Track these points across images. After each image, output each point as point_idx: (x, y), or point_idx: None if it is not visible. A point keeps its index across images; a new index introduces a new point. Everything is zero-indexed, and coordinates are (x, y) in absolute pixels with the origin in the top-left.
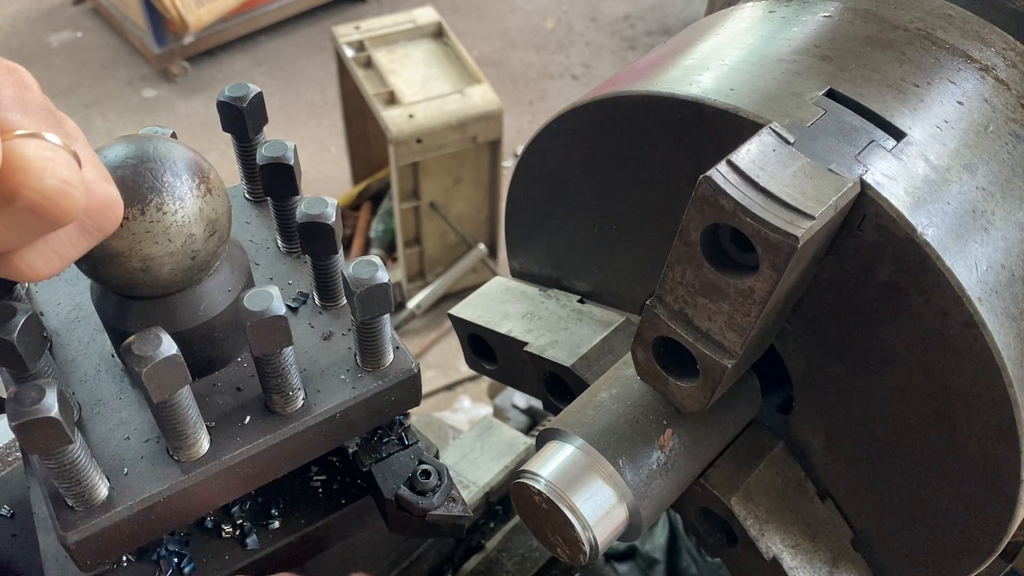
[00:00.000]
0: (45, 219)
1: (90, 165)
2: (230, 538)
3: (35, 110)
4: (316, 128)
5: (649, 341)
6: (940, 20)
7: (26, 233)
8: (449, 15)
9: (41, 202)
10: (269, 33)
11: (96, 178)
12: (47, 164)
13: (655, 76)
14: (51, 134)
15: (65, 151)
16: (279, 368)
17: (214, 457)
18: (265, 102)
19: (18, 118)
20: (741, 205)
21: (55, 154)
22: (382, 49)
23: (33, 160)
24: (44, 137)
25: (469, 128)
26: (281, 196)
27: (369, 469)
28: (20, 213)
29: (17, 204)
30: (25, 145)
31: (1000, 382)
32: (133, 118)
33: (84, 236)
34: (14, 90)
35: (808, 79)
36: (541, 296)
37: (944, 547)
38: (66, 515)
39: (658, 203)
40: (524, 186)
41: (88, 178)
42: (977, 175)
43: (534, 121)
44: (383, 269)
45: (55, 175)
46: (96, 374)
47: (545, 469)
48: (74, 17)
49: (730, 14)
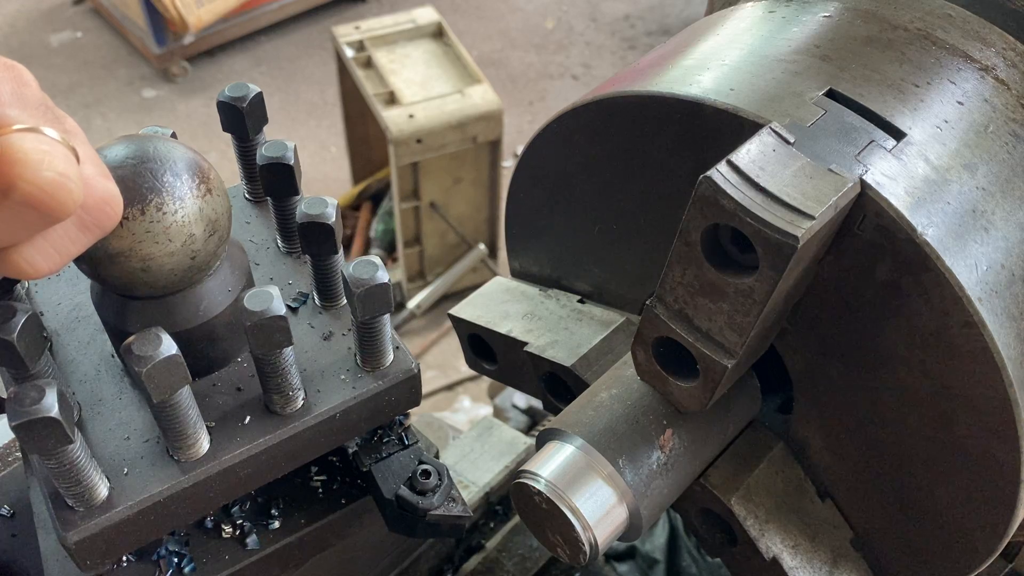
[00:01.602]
0: (42, 212)
1: (89, 162)
2: (230, 538)
3: (33, 106)
4: (316, 128)
5: (649, 341)
6: (940, 20)
7: (24, 228)
8: (449, 15)
9: (38, 195)
10: (269, 33)
11: (95, 174)
12: (44, 157)
13: (655, 76)
14: (49, 129)
15: (62, 145)
16: (279, 368)
17: (214, 457)
18: (265, 102)
19: (16, 113)
20: (741, 205)
21: (52, 148)
22: (382, 49)
23: (30, 153)
24: (42, 132)
25: (469, 128)
26: (281, 196)
27: (369, 469)
28: (17, 207)
29: (14, 197)
30: (22, 139)
31: (1000, 382)
32: (133, 118)
33: (83, 232)
34: (12, 86)
35: (808, 79)
36: (541, 296)
37: (944, 547)
38: (66, 515)
39: (658, 203)
40: (524, 186)
41: (87, 174)
42: (977, 175)
43: (534, 121)
44: (383, 269)
45: (52, 168)
46: (96, 374)
47: (545, 469)
48: (74, 17)
49: (730, 14)
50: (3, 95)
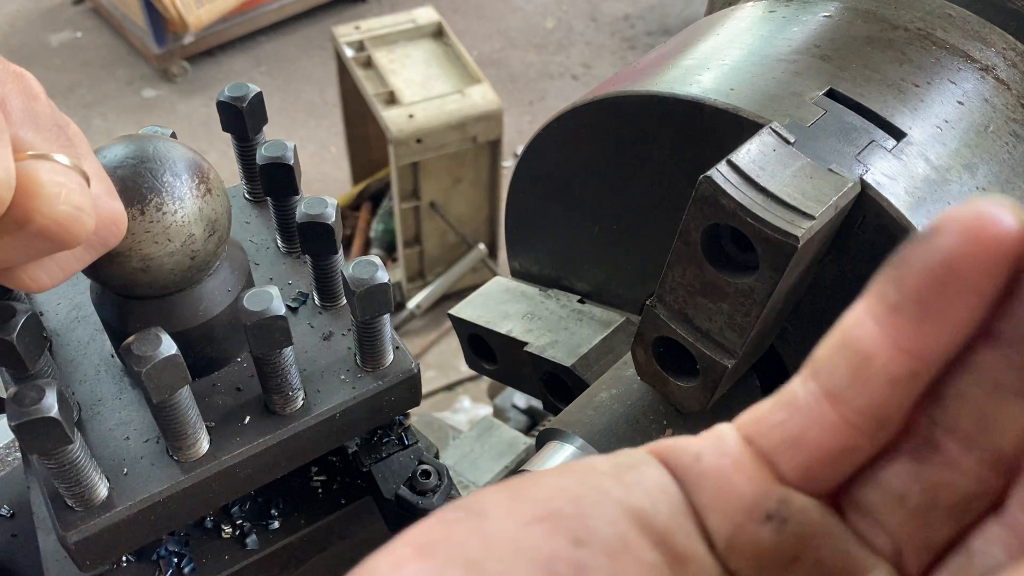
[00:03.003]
0: (55, 243)
1: (95, 179)
2: (230, 538)
3: (45, 126)
4: (316, 128)
5: (649, 341)
6: (940, 20)
7: (34, 253)
8: (449, 15)
9: (53, 228)
10: (269, 33)
11: (102, 192)
12: (60, 191)
13: (655, 76)
14: (61, 156)
15: (76, 172)
16: (279, 368)
17: (214, 457)
18: (265, 102)
19: (30, 136)
20: (741, 205)
21: (67, 179)
22: (382, 49)
23: (46, 186)
24: (55, 159)
25: (469, 128)
26: (281, 196)
27: (369, 469)
28: (30, 237)
29: (29, 229)
30: (38, 168)
31: None
32: (133, 118)
33: (88, 250)
34: (23, 100)
35: (808, 79)
36: (541, 296)
37: None
38: (66, 515)
39: (658, 203)
40: (524, 186)
41: (94, 194)
42: (977, 175)
43: (534, 121)
44: (383, 269)
45: (68, 201)
46: (96, 374)
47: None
48: (74, 17)
49: (730, 14)
50: (15, 113)
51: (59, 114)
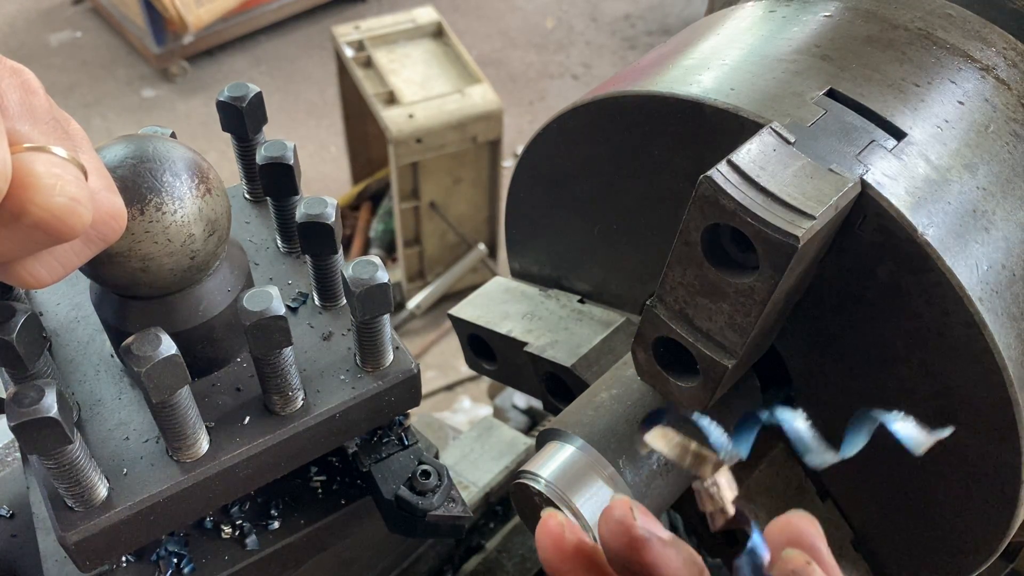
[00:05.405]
0: (51, 235)
1: (95, 174)
2: (230, 538)
3: (43, 119)
4: (316, 128)
5: (649, 341)
6: (940, 20)
7: (31, 246)
8: (449, 15)
9: (49, 219)
10: (269, 33)
11: (101, 187)
12: (56, 182)
13: (655, 76)
14: (59, 148)
15: (73, 165)
16: (279, 368)
17: (214, 457)
18: (265, 102)
19: (26, 129)
20: (741, 205)
21: (64, 170)
22: (382, 49)
23: (42, 177)
24: (52, 151)
25: (469, 128)
26: (281, 196)
27: (369, 469)
28: (27, 229)
29: (24, 221)
30: (34, 160)
31: (1000, 382)
32: (132, 118)
33: (87, 245)
34: (20, 95)
35: (808, 79)
36: (541, 296)
37: (944, 547)
38: (66, 515)
39: (658, 203)
40: (524, 186)
41: (93, 188)
42: (978, 175)
43: (534, 121)
44: (383, 269)
45: (64, 193)
46: (96, 374)
47: (545, 469)
48: (73, 17)
49: (730, 14)
50: (11, 106)
51: (59, 110)
